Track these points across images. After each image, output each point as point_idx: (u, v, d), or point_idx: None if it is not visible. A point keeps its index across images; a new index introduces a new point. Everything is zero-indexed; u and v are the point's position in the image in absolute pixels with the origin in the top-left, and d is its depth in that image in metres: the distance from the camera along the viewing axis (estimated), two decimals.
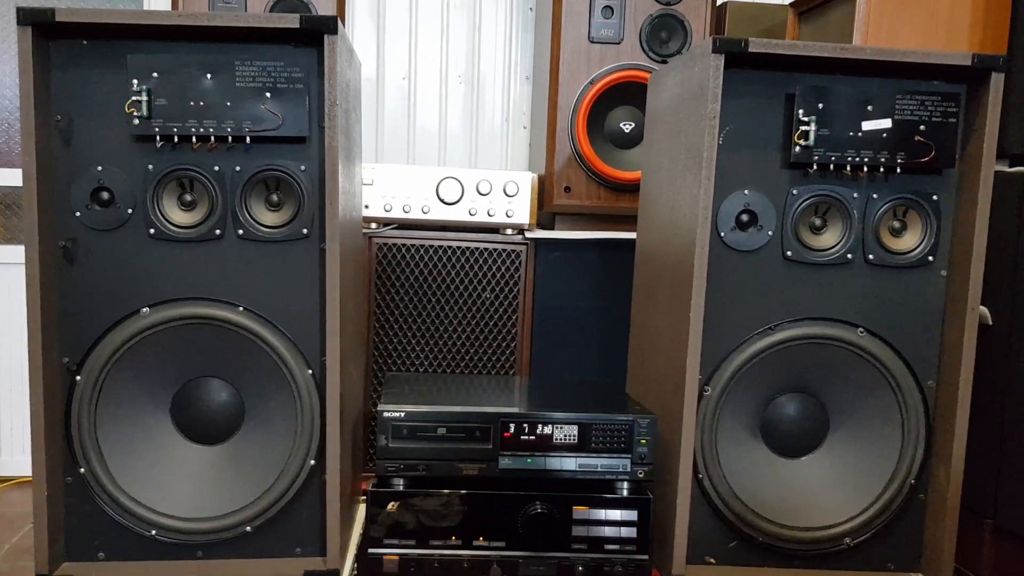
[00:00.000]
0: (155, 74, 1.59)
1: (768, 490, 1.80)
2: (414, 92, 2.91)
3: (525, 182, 2.33)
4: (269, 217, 1.68)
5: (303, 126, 1.63)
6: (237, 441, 1.73)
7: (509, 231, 2.36)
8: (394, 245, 2.33)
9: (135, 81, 1.58)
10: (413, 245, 2.33)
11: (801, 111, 1.68)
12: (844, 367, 1.79)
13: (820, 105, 1.68)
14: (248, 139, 1.63)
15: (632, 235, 2.20)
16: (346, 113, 1.72)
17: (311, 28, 1.58)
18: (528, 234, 2.37)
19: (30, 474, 1.65)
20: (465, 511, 1.69)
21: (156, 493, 1.69)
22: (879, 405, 1.79)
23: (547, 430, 1.70)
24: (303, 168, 1.66)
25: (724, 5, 2.65)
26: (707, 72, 1.65)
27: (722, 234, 1.74)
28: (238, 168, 1.65)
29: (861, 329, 1.77)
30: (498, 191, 2.32)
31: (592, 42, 2.40)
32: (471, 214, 2.33)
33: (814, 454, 1.83)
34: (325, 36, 1.59)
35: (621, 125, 2.44)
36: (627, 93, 2.40)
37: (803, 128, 1.68)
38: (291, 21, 1.58)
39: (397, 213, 2.32)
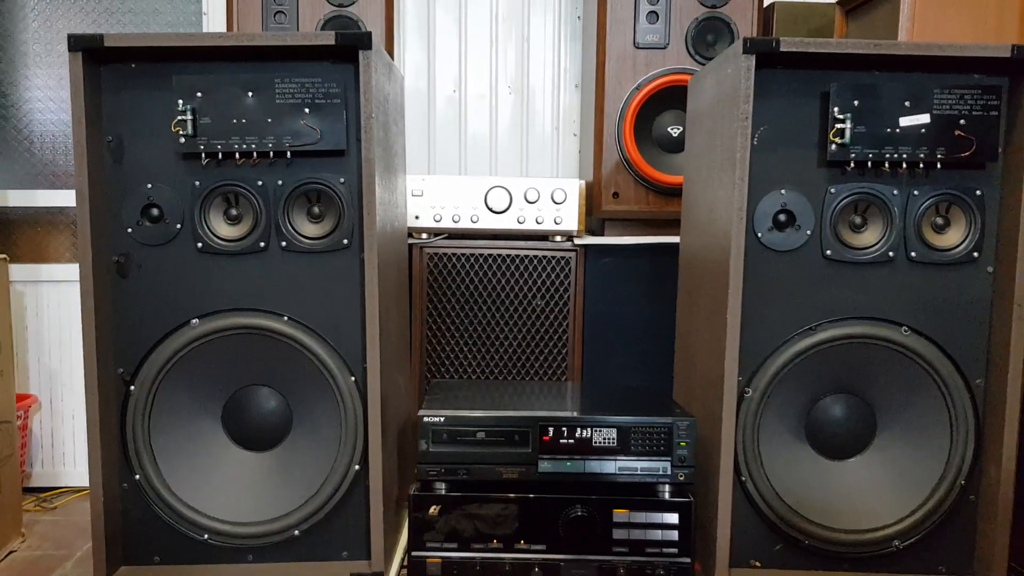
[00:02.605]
0: (199, 93, 1.65)
1: (814, 492, 1.78)
2: (464, 103, 2.95)
3: (572, 189, 2.34)
4: (311, 229, 1.73)
5: (341, 140, 1.67)
6: (285, 447, 1.78)
7: (558, 238, 2.38)
8: (444, 255, 2.37)
9: (180, 101, 1.65)
10: (463, 254, 2.37)
11: (836, 109, 1.67)
12: (889, 367, 1.76)
13: (856, 102, 1.67)
14: (289, 154, 1.68)
15: None
16: (385, 126, 1.76)
17: (347, 44, 1.63)
18: (577, 240, 2.38)
19: None
20: (506, 514, 1.71)
21: (208, 498, 1.74)
22: (927, 405, 1.76)
23: (585, 433, 1.71)
24: (342, 180, 1.70)
25: (772, 6, 2.62)
26: (739, 73, 1.65)
27: (759, 234, 1.73)
28: (280, 182, 1.70)
29: (905, 328, 1.74)
30: (546, 198, 2.34)
31: (638, 48, 2.40)
32: (520, 222, 2.36)
33: (861, 455, 1.80)
34: (360, 52, 1.63)
35: (669, 129, 2.43)
36: (674, 97, 2.39)
37: (839, 126, 1.67)
38: (327, 38, 1.63)
39: (447, 223, 2.36)
